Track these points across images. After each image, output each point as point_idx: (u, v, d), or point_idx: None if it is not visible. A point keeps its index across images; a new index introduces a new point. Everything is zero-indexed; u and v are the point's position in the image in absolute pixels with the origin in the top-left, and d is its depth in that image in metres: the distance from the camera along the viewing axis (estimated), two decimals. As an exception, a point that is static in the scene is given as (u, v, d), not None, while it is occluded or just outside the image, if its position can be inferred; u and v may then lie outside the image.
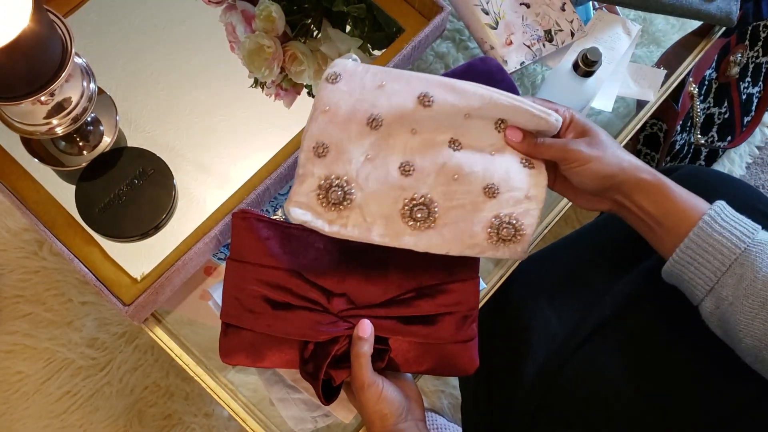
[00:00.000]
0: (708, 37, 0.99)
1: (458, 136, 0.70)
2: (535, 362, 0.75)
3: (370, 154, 0.68)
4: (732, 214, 0.64)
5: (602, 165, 0.66)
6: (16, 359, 1.25)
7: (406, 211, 0.68)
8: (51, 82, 0.70)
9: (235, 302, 0.72)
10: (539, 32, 0.93)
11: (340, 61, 0.70)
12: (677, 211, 0.65)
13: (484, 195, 0.69)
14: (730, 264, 0.62)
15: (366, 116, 0.68)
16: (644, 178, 0.66)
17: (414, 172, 0.68)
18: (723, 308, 0.62)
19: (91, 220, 0.80)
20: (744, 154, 1.52)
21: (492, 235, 0.68)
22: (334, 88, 0.68)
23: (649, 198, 0.66)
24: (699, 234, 0.63)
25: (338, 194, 0.67)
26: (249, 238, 0.72)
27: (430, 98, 0.68)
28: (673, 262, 0.65)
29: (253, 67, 0.89)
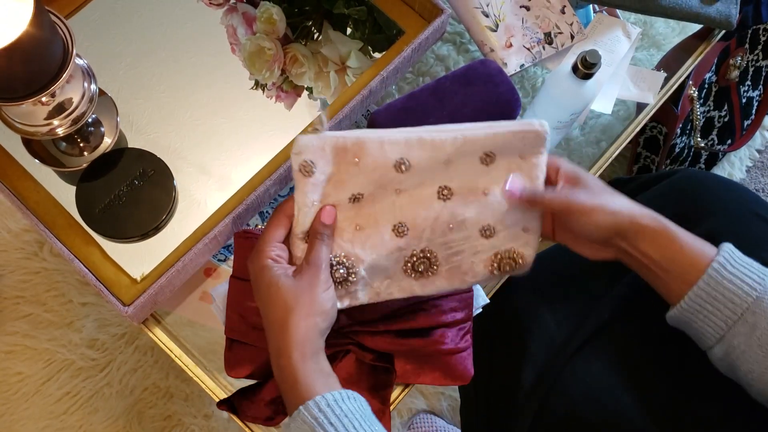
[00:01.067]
0: (708, 41, 0.99)
1: (445, 182, 0.69)
2: (533, 366, 0.75)
3: (359, 224, 0.68)
4: (740, 259, 0.63)
5: (606, 214, 0.65)
6: (16, 360, 1.25)
7: (409, 267, 0.69)
8: (52, 83, 0.70)
9: (239, 319, 0.74)
10: (539, 35, 0.93)
11: (305, 142, 0.66)
12: (683, 257, 0.63)
13: (481, 237, 0.69)
14: (741, 313, 0.60)
15: (347, 195, 0.68)
16: (648, 225, 0.65)
17: (408, 231, 0.69)
18: (734, 356, 0.61)
19: (92, 220, 0.80)
20: (744, 158, 1.52)
21: (494, 270, 0.70)
22: (312, 181, 0.67)
23: (653, 245, 0.64)
24: (708, 282, 0.61)
25: (341, 272, 0.68)
26: None
27: (407, 163, 0.68)
28: (681, 310, 0.63)
29: (253, 69, 0.89)
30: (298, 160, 0.66)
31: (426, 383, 0.75)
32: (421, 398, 1.30)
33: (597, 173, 0.93)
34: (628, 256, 0.67)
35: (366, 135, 0.68)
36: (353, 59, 0.90)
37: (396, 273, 0.69)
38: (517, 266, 0.70)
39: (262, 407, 0.73)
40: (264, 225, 0.85)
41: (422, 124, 0.80)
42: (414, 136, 0.68)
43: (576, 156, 0.98)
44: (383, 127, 0.80)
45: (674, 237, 0.64)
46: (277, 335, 0.63)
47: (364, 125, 0.91)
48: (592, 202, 0.66)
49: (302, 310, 0.63)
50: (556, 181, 0.70)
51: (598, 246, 0.69)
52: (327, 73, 0.90)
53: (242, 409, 0.74)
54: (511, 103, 0.83)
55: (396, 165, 0.68)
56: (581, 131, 0.99)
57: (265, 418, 0.73)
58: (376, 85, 0.84)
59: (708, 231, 0.71)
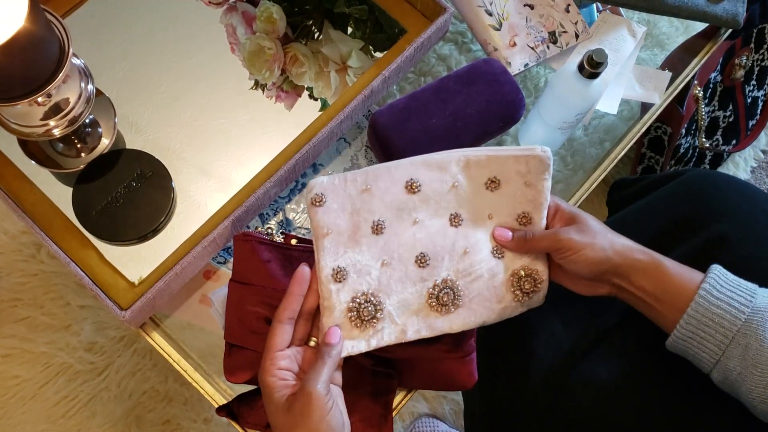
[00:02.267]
0: (714, 40, 0.98)
1: (455, 209, 0.71)
2: (540, 369, 0.74)
3: (385, 259, 0.69)
4: (728, 281, 0.64)
5: (595, 251, 0.66)
6: (13, 363, 1.25)
7: (433, 300, 0.69)
8: (48, 83, 0.69)
9: (239, 323, 0.73)
10: (543, 34, 0.92)
11: (315, 181, 0.68)
12: (674, 286, 0.65)
13: (494, 258, 0.70)
14: (732, 336, 0.61)
15: (368, 225, 0.69)
16: (638, 259, 0.67)
17: (429, 260, 0.69)
18: (732, 378, 0.62)
19: (88, 223, 0.79)
20: (749, 158, 1.51)
21: (516, 293, 0.70)
22: (324, 210, 0.68)
23: (645, 277, 0.66)
24: (697, 309, 0.63)
25: (370, 310, 0.67)
26: (251, 261, 0.74)
27: (417, 183, 0.69)
28: (675, 338, 0.65)
29: (253, 68, 0.89)
30: (310, 196, 0.68)
31: (429, 389, 0.74)
32: (423, 402, 1.30)
33: (602, 174, 0.92)
34: (623, 291, 0.68)
35: (372, 167, 0.70)
36: (354, 59, 0.89)
37: (421, 308, 0.69)
38: (536, 284, 0.71)
39: (263, 414, 0.72)
40: (264, 228, 0.84)
41: (424, 125, 0.79)
42: (418, 159, 0.70)
43: (579, 157, 0.97)
44: (385, 126, 0.80)
45: (665, 268, 0.66)
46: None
47: (365, 126, 0.90)
48: (581, 240, 0.67)
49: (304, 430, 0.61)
50: (551, 224, 0.71)
51: (593, 283, 0.70)
52: (328, 72, 0.89)
53: (242, 415, 0.73)
54: (515, 104, 0.82)
55: (407, 186, 0.69)
56: (584, 132, 0.98)
57: (265, 425, 0.72)
58: (377, 84, 0.83)
59: (720, 233, 0.70)
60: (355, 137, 0.91)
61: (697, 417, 0.67)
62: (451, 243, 0.70)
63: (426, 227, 0.69)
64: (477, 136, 0.82)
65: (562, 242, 0.67)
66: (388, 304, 0.68)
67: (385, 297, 0.68)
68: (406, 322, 0.69)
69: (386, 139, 0.80)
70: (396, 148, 0.80)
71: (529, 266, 0.70)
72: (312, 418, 0.61)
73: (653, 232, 0.76)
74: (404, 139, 0.79)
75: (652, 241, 0.70)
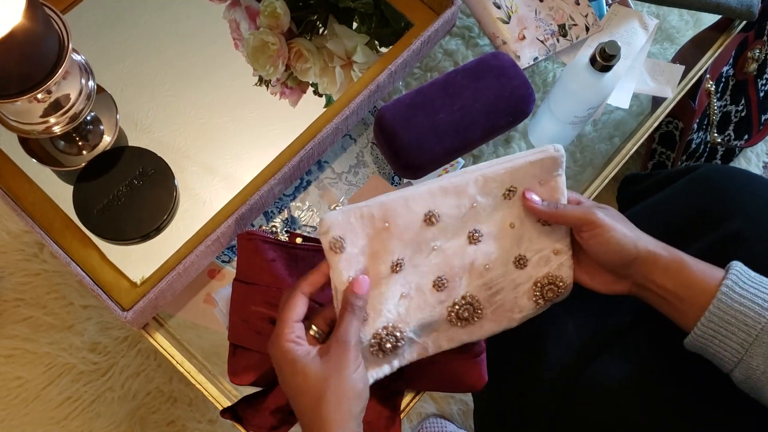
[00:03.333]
0: (727, 32, 0.97)
1: (474, 226, 0.69)
2: (551, 370, 0.73)
3: (404, 291, 0.67)
4: (751, 278, 0.62)
5: (624, 235, 0.65)
6: (16, 364, 1.24)
7: (453, 317, 0.68)
8: (47, 79, 0.68)
9: (243, 324, 0.72)
10: (553, 27, 0.90)
11: (331, 219, 0.63)
12: (696, 283, 0.63)
13: (516, 269, 0.69)
14: (756, 334, 0.59)
15: (388, 266, 0.66)
16: (661, 255, 0.65)
17: (447, 283, 0.68)
18: (755, 378, 0.60)
19: (90, 222, 0.78)
20: (761, 154, 1.49)
21: (539, 301, 0.70)
22: (345, 257, 0.64)
23: (666, 275, 0.64)
24: (719, 306, 0.61)
25: (391, 340, 0.66)
26: (255, 260, 0.73)
27: (436, 214, 0.67)
28: (695, 337, 0.63)
29: (257, 64, 0.88)
30: (327, 239, 0.63)
31: (438, 390, 0.73)
32: (431, 402, 1.29)
33: (613, 171, 0.90)
34: (644, 289, 0.67)
35: (389, 198, 0.66)
36: (359, 54, 0.88)
37: (441, 325, 0.68)
38: (559, 290, 0.70)
39: (267, 416, 0.71)
40: (269, 226, 0.83)
41: (431, 120, 0.78)
42: (435, 187, 0.67)
43: (589, 153, 0.96)
44: (391, 122, 0.78)
45: (686, 265, 0.64)
46: (311, 425, 0.59)
47: (371, 122, 0.89)
48: (611, 221, 0.66)
49: (333, 395, 0.58)
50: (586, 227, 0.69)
51: (612, 278, 0.69)
52: (332, 68, 0.88)
53: (246, 417, 0.72)
54: (525, 98, 0.81)
55: (426, 219, 0.66)
56: (594, 127, 0.97)
57: (269, 428, 0.71)
58: (384, 79, 0.81)
59: (735, 229, 0.69)
60: (360, 134, 0.89)
61: (714, 418, 0.66)
62: (469, 262, 0.68)
63: (443, 251, 0.68)
64: (485, 131, 0.80)
65: (593, 216, 0.66)
66: (408, 331, 0.67)
67: (405, 326, 0.66)
68: (427, 340, 0.68)
69: (392, 134, 0.79)
70: (402, 144, 0.78)
71: (553, 273, 0.69)
72: (349, 369, 0.59)
73: (666, 229, 0.74)
74: (411, 134, 0.78)
75: (665, 238, 0.68)
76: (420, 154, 0.78)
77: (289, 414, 0.71)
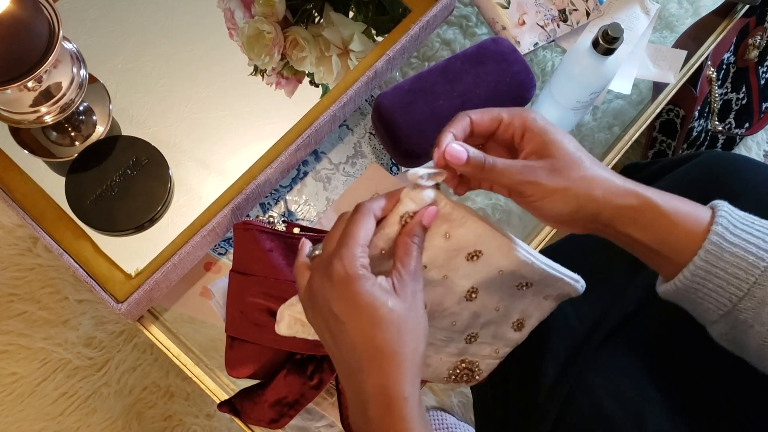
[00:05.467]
0: (730, 17, 0.95)
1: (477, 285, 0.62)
2: (555, 361, 0.72)
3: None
4: (742, 221, 0.54)
5: (566, 201, 0.55)
6: (11, 360, 1.23)
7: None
8: (37, 66, 0.67)
9: (240, 315, 0.72)
10: (553, 12, 0.89)
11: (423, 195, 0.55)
12: (676, 232, 0.54)
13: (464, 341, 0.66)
14: (748, 288, 0.53)
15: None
16: (626, 205, 0.55)
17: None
18: (740, 330, 0.55)
19: (82, 212, 0.77)
20: (762, 142, 1.48)
21: (450, 377, 0.67)
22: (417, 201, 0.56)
23: (636, 225, 0.55)
24: (707, 259, 0.53)
25: None
26: (252, 250, 0.72)
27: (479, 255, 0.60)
28: (675, 288, 0.56)
29: (252, 53, 0.87)
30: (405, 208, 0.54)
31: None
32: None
33: (613, 159, 0.89)
34: (608, 235, 0.58)
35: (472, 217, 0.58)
36: (356, 42, 0.87)
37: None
38: (472, 378, 0.67)
39: (266, 409, 0.70)
40: (266, 216, 0.82)
41: (431, 107, 0.77)
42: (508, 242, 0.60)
43: (588, 142, 0.95)
44: (390, 109, 0.77)
45: (660, 211, 0.54)
46: (385, 368, 0.49)
47: (368, 112, 0.88)
48: (550, 183, 0.54)
49: (414, 335, 0.50)
50: (520, 146, 0.58)
51: (565, 225, 0.59)
52: (329, 57, 0.87)
53: (244, 410, 0.71)
54: (526, 84, 0.80)
55: (470, 254, 0.59)
56: (593, 116, 0.96)
57: (269, 421, 0.70)
58: (382, 65, 0.80)
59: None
60: (357, 124, 0.88)
61: (720, 406, 0.65)
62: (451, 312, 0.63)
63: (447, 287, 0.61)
64: (486, 118, 0.79)
65: (525, 185, 0.55)
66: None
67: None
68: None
69: (391, 121, 0.78)
70: (402, 131, 0.77)
71: (479, 363, 0.67)
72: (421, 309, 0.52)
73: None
74: (410, 121, 0.77)
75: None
76: (420, 141, 0.77)
77: (288, 407, 0.70)
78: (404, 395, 0.49)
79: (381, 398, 0.49)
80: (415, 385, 0.50)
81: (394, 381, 0.49)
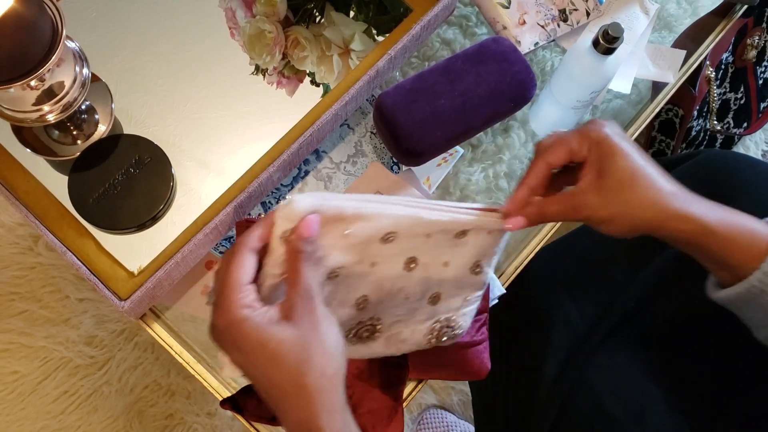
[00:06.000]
0: (728, 17, 0.96)
1: (415, 254, 0.63)
2: (556, 359, 0.72)
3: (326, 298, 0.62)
4: None
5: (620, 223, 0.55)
6: (12, 358, 1.24)
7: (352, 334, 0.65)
8: (40, 65, 0.67)
9: None
10: (553, 12, 0.89)
11: (299, 207, 0.55)
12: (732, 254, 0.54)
13: (428, 305, 0.66)
14: None
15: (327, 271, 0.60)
16: (679, 230, 0.54)
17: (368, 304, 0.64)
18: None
19: (85, 211, 0.77)
20: (760, 141, 1.49)
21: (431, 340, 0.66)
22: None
23: (689, 247, 0.56)
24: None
25: None
26: None
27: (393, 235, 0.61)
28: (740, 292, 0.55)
29: (253, 53, 0.87)
30: (283, 227, 0.55)
31: (441, 378, 0.73)
32: (431, 393, 1.29)
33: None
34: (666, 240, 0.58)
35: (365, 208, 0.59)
36: (357, 42, 0.87)
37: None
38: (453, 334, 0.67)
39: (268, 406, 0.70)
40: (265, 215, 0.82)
41: (432, 106, 0.77)
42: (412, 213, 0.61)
43: (589, 141, 0.95)
44: (392, 108, 0.77)
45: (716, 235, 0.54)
46: (295, 403, 0.48)
47: (370, 111, 0.88)
48: (603, 211, 0.55)
49: (317, 359, 0.49)
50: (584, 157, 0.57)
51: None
52: (330, 56, 0.87)
53: (246, 407, 0.71)
54: (526, 83, 0.80)
55: (383, 238, 0.61)
56: (593, 116, 0.96)
57: (270, 418, 0.71)
58: (383, 65, 0.80)
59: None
60: (358, 123, 0.88)
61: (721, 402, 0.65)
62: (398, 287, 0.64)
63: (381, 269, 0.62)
64: (486, 117, 0.80)
65: (579, 210, 0.56)
66: None
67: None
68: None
69: (393, 120, 0.78)
70: (403, 130, 0.77)
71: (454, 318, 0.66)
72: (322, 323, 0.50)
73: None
74: (411, 120, 0.77)
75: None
76: (421, 139, 0.78)
77: None
78: (320, 427, 0.48)
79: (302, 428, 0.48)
80: (331, 411, 0.48)
81: (308, 415, 0.48)
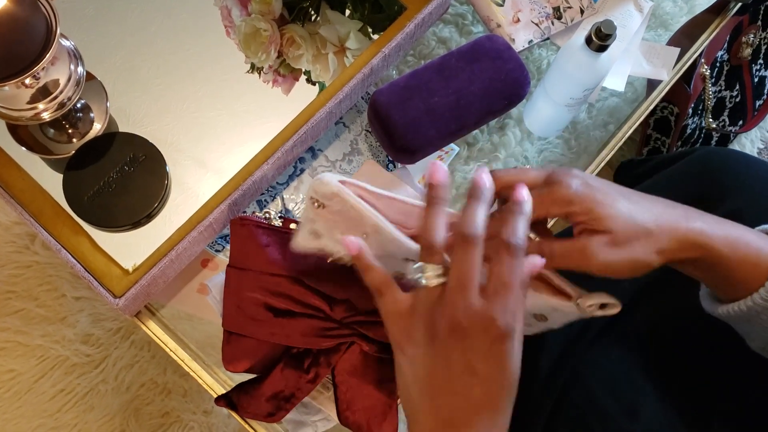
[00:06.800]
0: (723, 14, 0.96)
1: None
2: (550, 355, 0.72)
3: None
4: None
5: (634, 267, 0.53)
6: (8, 357, 1.23)
7: None
8: (34, 63, 0.67)
9: (237, 310, 0.71)
10: (548, 9, 0.89)
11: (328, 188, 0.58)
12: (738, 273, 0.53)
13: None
14: None
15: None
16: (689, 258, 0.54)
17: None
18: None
19: (80, 208, 0.77)
20: (755, 140, 1.49)
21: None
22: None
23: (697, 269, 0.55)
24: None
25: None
26: (249, 245, 0.72)
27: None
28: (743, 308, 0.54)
29: (249, 51, 0.87)
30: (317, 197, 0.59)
31: None
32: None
33: (608, 156, 0.90)
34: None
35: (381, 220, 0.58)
36: (352, 40, 0.87)
37: None
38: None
39: (263, 403, 0.70)
40: (263, 213, 0.82)
41: (426, 103, 0.77)
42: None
43: (583, 140, 0.95)
44: (386, 105, 0.77)
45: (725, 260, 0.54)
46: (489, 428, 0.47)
47: (365, 109, 0.88)
48: (616, 258, 0.52)
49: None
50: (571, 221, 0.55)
51: None
52: (325, 55, 0.87)
53: (242, 405, 0.71)
54: (520, 81, 0.80)
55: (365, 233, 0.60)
56: (588, 114, 0.96)
57: (266, 414, 0.71)
58: (378, 62, 0.80)
59: (731, 209, 0.68)
60: (354, 120, 0.89)
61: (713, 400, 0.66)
62: None
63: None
64: (481, 114, 0.80)
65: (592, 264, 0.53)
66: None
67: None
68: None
69: (387, 118, 0.78)
70: (397, 127, 0.78)
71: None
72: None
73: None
74: (406, 117, 0.77)
75: None
76: (416, 137, 0.78)
77: (285, 400, 0.71)
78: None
79: None
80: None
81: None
